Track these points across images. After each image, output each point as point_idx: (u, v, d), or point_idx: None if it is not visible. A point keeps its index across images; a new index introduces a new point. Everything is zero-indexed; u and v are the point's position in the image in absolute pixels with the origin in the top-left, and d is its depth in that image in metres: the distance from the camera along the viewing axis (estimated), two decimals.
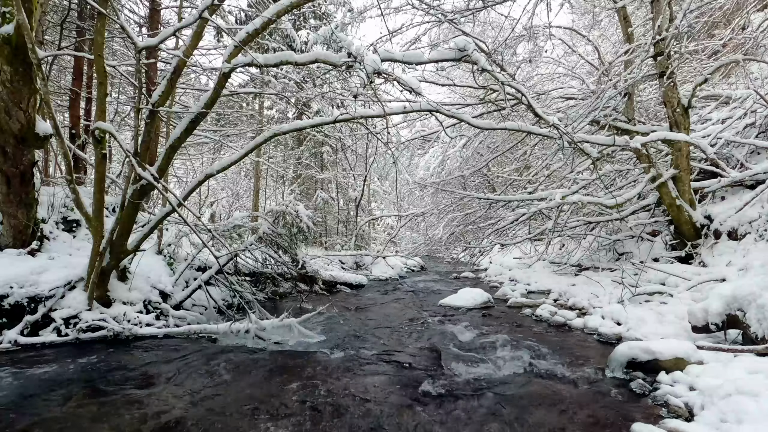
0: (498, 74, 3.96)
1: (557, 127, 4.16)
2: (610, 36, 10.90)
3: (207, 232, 5.82)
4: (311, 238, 10.20)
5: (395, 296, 8.29)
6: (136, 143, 4.43)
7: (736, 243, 5.60)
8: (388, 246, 16.61)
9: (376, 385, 3.20)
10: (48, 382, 3.14)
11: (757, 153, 6.76)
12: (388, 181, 21.28)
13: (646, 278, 5.98)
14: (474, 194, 9.25)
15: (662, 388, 2.98)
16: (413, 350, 4.20)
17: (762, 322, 3.37)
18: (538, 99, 7.63)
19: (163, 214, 4.74)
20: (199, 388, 3.10)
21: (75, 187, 4.30)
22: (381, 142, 6.20)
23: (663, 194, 6.47)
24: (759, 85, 7.25)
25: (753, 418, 2.26)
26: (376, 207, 24.12)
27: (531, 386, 3.22)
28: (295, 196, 14.43)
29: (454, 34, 7.05)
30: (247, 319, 4.45)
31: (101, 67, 4.10)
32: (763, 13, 7.46)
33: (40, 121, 4.79)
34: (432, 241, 12.23)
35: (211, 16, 4.07)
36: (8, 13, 4.34)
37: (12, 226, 4.80)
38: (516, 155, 11.49)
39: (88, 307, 4.40)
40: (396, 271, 11.87)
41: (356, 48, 3.63)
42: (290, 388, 3.12)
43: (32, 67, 4.30)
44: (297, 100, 11.51)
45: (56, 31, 7.83)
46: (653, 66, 6.55)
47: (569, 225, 8.18)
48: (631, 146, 5.57)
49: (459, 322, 5.61)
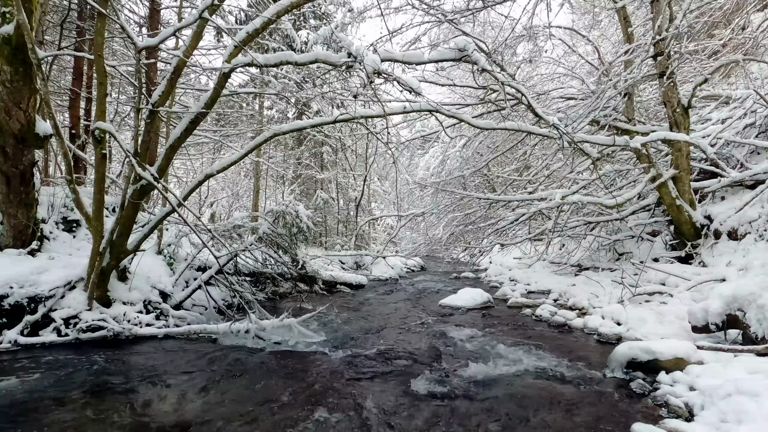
0: (498, 74, 3.96)
1: (557, 127, 4.16)
2: (610, 36, 10.90)
3: (207, 232, 5.82)
4: (311, 238, 10.21)
5: (395, 296, 8.29)
6: (136, 143, 4.43)
7: (736, 243, 5.60)
8: (388, 246, 16.61)
9: (376, 385, 3.20)
10: (48, 383, 3.13)
11: (757, 153, 6.76)
12: (388, 181, 21.26)
13: (646, 278, 5.98)
14: (474, 194, 9.26)
15: (662, 388, 2.99)
16: (413, 350, 4.20)
17: (762, 322, 3.38)
18: (538, 99, 7.64)
19: (163, 214, 4.74)
20: (199, 388, 3.10)
21: (75, 187, 4.30)
22: (381, 142, 6.20)
23: (663, 194, 6.48)
24: (759, 85, 7.24)
25: (753, 418, 2.26)
26: (376, 207, 24.12)
27: (531, 386, 3.22)
28: (295, 196, 14.43)
29: (454, 34, 7.05)
30: (247, 319, 4.45)
31: (101, 67, 4.10)
32: (763, 13, 7.46)
33: (40, 121, 4.79)
34: (432, 241, 12.24)
35: (211, 16, 4.07)
36: (8, 13, 4.35)
37: (12, 226, 4.80)
38: (516, 155, 11.51)
39: (88, 307, 4.40)
40: (396, 271, 11.86)
41: (356, 48, 3.63)
42: (290, 388, 3.12)
43: (32, 67, 4.30)
44: (297, 100, 11.50)
45: (56, 31, 7.83)
46: (653, 66, 6.55)
47: (569, 225, 8.19)
48: (631, 146, 5.57)
49: (459, 322, 5.61)
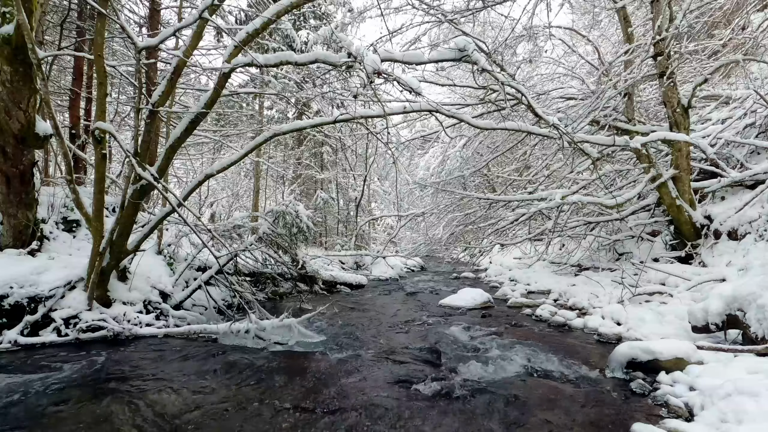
0: (498, 74, 3.96)
1: (557, 127, 4.16)
2: (610, 36, 10.91)
3: (207, 232, 5.82)
4: (311, 238, 10.21)
5: (395, 296, 8.29)
6: (136, 143, 4.43)
7: (736, 243, 5.60)
8: (388, 246, 16.59)
9: (376, 386, 3.19)
10: (48, 383, 3.13)
11: (757, 153, 6.76)
12: (388, 181, 21.27)
13: (646, 278, 5.98)
14: (474, 194, 9.26)
15: (662, 388, 2.99)
16: (413, 350, 4.19)
17: (762, 322, 3.37)
18: (538, 99, 7.64)
19: (163, 214, 4.74)
20: (199, 388, 3.09)
21: (75, 187, 4.30)
22: (381, 142, 6.20)
23: (663, 194, 6.48)
24: (759, 85, 7.24)
25: (753, 418, 2.26)
26: (376, 207, 24.12)
27: (531, 386, 3.22)
28: (295, 196, 14.42)
29: (454, 34, 7.05)
30: (247, 319, 4.45)
31: (101, 67, 4.10)
32: (763, 13, 7.45)
33: (40, 121, 4.79)
34: (432, 241, 12.23)
35: (211, 16, 4.06)
36: (8, 13, 4.35)
37: (12, 226, 4.80)
38: (516, 155, 11.51)
39: (88, 307, 4.40)
40: (396, 271, 11.87)
41: (356, 48, 3.62)
42: (290, 388, 3.12)
43: (32, 67, 4.30)
44: (297, 100, 11.51)
45: (56, 31, 7.83)
46: (653, 66, 6.56)
47: (569, 225, 8.19)
48: (631, 146, 5.57)
49: (459, 322, 5.61)
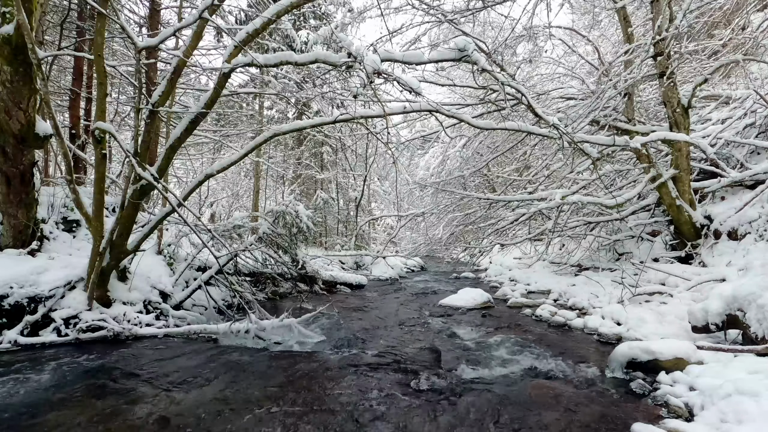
0: (498, 74, 3.96)
1: (557, 127, 4.16)
2: (610, 36, 10.91)
3: (207, 232, 5.82)
4: (311, 238, 10.21)
5: (395, 296, 8.29)
6: (136, 143, 4.43)
7: (736, 243, 5.59)
8: (388, 246, 16.60)
9: (376, 386, 3.19)
10: (48, 383, 3.13)
11: (757, 153, 6.76)
12: (388, 181, 21.27)
13: (646, 278, 5.98)
14: (474, 194, 9.26)
15: (662, 388, 2.98)
16: (413, 350, 4.19)
17: (762, 322, 3.37)
18: (538, 99, 7.64)
19: (163, 214, 4.74)
20: (199, 388, 3.09)
21: (75, 187, 4.30)
22: (381, 142, 6.19)
23: (663, 194, 6.47)
24: (759, 85, 7.24)
25: (753, 418, 2.26)
26: (376, 207, 24.12)
27: (531, 386, 3.22)
28: (295, 196, 14.41)
29: (454, 34, 7.06)
30: (247, 319, 4.45)
31: (101, 67, 4.09)
32: (763, 13, 7.46)
33: (40, 121, 4.78)
34: (432, 241, 12.24)
35: (211, 17, 4.07)
36: (8, 13, 4.34)
37: (12, 226, 4.80)
38: (516, 155, 11.51)
39: (88, 307, 4.40)
40: (396, 271, 11.86)
41: (356, 48, 3.62)
42: (290, 388, 3.12)
43: (32, 67, 4.30)
44: (297, 100, 11.51)
45: (56, 31, 7.83)
46: (653, 66, 6.55)
47: (569, 225, 8.19)
48: (631, 146, 5.57)
49: (459, 322, 5.61)
